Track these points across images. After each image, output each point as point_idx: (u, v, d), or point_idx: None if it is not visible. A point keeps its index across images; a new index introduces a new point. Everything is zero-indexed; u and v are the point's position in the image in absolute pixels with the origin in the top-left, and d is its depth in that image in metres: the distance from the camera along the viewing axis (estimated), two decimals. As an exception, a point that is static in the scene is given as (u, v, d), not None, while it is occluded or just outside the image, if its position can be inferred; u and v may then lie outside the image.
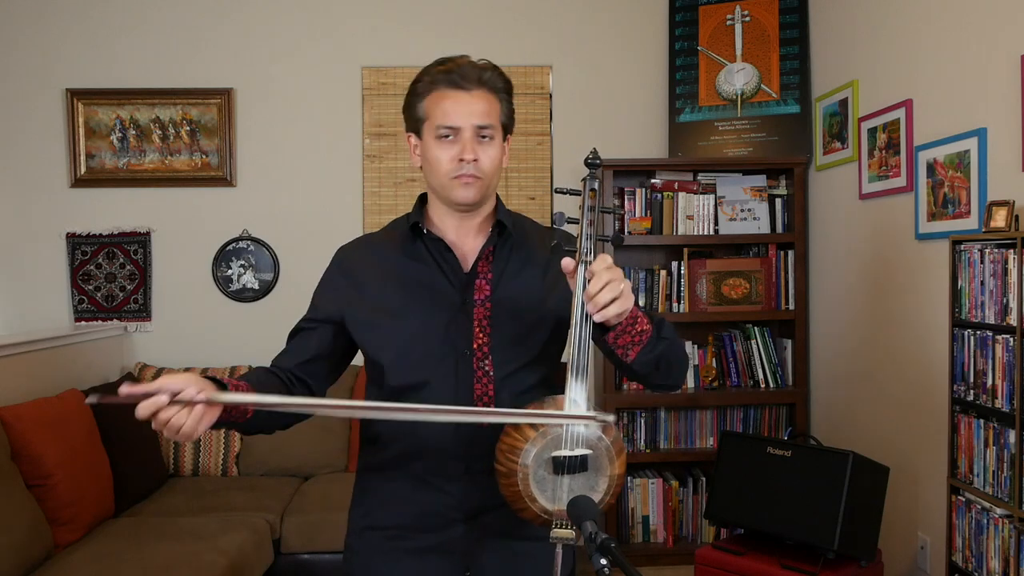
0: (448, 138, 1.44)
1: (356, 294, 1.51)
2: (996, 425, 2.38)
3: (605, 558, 1.06)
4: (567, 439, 1.28)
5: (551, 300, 1.52)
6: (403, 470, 1.48)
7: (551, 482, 1.28)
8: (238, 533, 2.93)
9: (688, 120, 4.05)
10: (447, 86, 1.45)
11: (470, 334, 1.46)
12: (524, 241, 1.56)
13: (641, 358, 1.38)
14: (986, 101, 2.62)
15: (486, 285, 1.49)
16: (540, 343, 1.51)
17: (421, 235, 1.51)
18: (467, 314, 1.47)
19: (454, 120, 1.44)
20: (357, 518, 1.56)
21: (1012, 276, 2.28)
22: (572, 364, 1.29)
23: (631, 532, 3.85)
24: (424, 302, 1.48)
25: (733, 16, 4.02)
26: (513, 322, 1.48)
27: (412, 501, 1.48)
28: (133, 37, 4.01)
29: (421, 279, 1.50)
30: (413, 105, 1.49)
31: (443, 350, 1.45)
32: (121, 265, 4.00)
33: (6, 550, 2.42)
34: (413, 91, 1.49)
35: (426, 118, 1.47)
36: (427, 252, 1.51)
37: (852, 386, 3.53)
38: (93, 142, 4.00)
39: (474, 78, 1.45)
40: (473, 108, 1.44)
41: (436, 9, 4.07)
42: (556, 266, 1.54)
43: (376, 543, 1.51)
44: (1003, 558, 2.35)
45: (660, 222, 3.88)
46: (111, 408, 3.27)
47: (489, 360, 1.46)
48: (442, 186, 1.47)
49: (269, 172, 4.05)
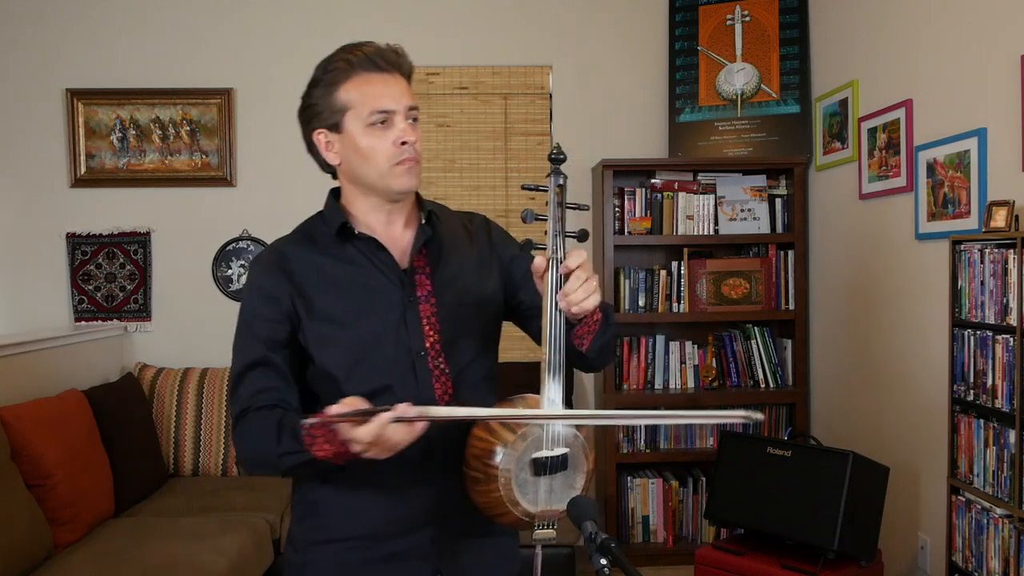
0: (383, 123, 1.36)
1: (295, 307, 1.39)
2: (996, 425, 2.38)
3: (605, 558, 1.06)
4: (547, 439, 1.25)
5: (488, 287, 1.49)
6: (363, 478, 1.39)
7: (532, 484, 1.25)
8: (238, 533, 2.93)
9: (688, 120, 4.05)
10: (371, 69, 1.37)
11: (420, 334, 1.41)
12: (449, 228, 1.50)
13: (593, 345, 1.38)
14: (986, 101, 2.62)
15: (426, 280, 1.44)
16: (486, 333, 1.48)
17: (351, 236, 1.42)
18: (414, 313, 1.41)
19: (388, 103, 1.36)
20: (307, 532, 1.45)
21: (1012, 276, 2.28)
22: (548, 363, 1.27)
23: (631, 532, 3.85)
24: (368, 306, 1.40)
25: (733, 16, 4.02)
26: (460, 316, 1.44)
27: (375, 509, 1.41)
28: (133, 37, 4.01)
29: (359, 282, 1.41)
30: (325, 97, 1.39)
31: (398, 353, 1.39)
32: (121, 265, 4.00)
33: (6, 550, 2.42)
34: (323, 81, 1.39)
35: (349, 107, 1.37)
36: (359, 253, 1.42)
37: (852, 386, 3.53)
38: (93, 142, 4.00)
39: (392, 61, 1.39)
40: (402, 89, 1.38)
41: (436, 9, 4.07)
42: (484, 249, 1.53)
43: (333, 556, 1.42)
44: (1003, 558, 2.35)
45: (660, 222, 3.88)
46: (110, 409, 3.27)
47: (443, 357, 1.42)
48: (381, 176, 1.38)
49: (269, 172, 4.05)
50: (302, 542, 1.46)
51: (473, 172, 4.09)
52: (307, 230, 1.48)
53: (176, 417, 3.70)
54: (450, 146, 4.07)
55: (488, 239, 1.55)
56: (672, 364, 3.95)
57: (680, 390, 3.91)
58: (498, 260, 1.53)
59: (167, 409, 3.71)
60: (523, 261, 1.55)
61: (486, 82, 4.04)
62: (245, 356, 1.39)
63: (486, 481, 1.25)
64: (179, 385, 3.75)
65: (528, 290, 1.51)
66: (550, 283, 1.27)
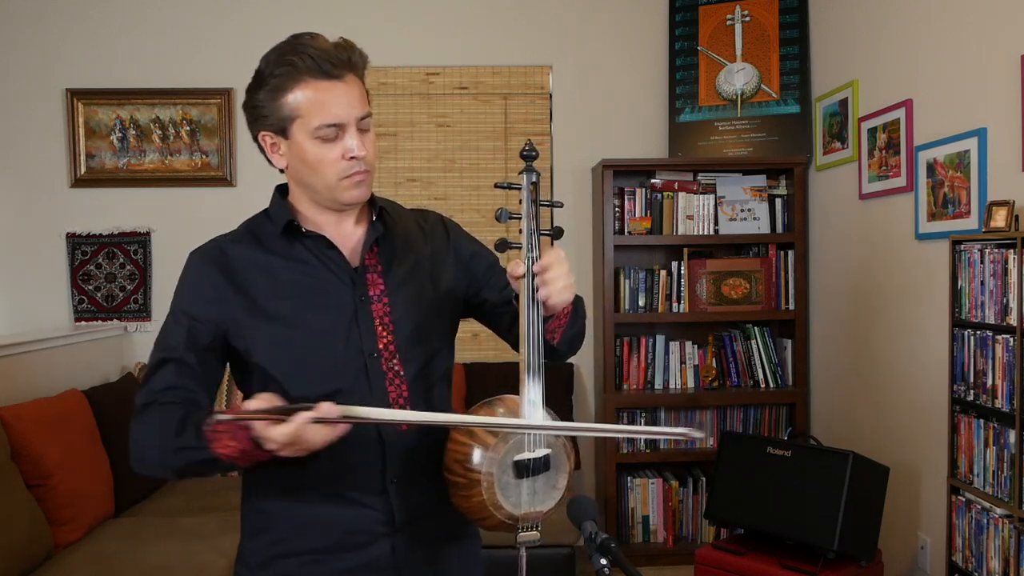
0: (331, 138, 1.29)
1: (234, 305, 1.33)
2: (996, 425, 2.38)
3: (605, 558, 1.06)
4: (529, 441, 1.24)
5: (444, 285, 1.45)
6: (319, 490, 1.34)
7: (515, 486, 1.23)
8: (238, 533, 2.93)
9: (688, 120, 4.05)
10: (318, 77, 1.28)
11: (373, 334, 1.35)
12: (401, 226, 1.45)
13: (564, 338, 1.37)
14: (986, 101, 2.62)
15: (378, 279, 1.38)
16: (442, 333, 1.45)
17: (298, 234, 1.37)
18: (366, 313, 1.35)
19: (337, 116, 1.28)
20: (261, 548, 1.38)
21: (1012, 276, 2.28)
22: (527, 363, 1.24)
23: (631, 532, 3.85)
24: (316, 306, 1.34)
25: (733, 16, 4.02)
26: (413, 315, 1.39)
27: (333, 520, 1.34)
28: (133, 37, 4.01)
29: (307, 282, 1.35)
30: (268, 102, 1.31)
31: (348, 354, 1.33)
32: (121, 265, 4.00)
33: (6, 550, 2.42)
34: (265, 84, 1.31)
35: (296, 115, 1.29)
36: (307, 251, 1.36)
37: (852, 386, 3.53)
38: (93, 142, 4.00)
39: (344, 63, 1.30)
40: (351, 98, 1.29)
41: (436, 9, 4.07)
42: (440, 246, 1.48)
43: (290, 570, 1.35)
44: (1003, 558, 2.35)
45: (660, 222, 3.88)
46: (110, 409, 3.27)
47: (397, 359, 1.36)
48: (328, 188, 1.32)
49: (269, 172, 3.98)
50: (254, 559, 1.39)
51: (473, 172, 4.09)
52: (251, 228, 1.41)
53: (176, 417, 3.70)
54: (450, 146, 4.07)
55: (445, 236, 1.50)
56: (672, 364, 3.95)
57: (680, 390, 3.91)
58: (456, 257, 1.49)
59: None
60: (483, 258, 1.52)
61: (486, 82, 4.04)
62: (162, 350, 1.32)
63: (468, 486, 1.23)
64: (179, 385, 3.75)
65: (492, 287, 1.48)
66: (526, 283, 1.25)
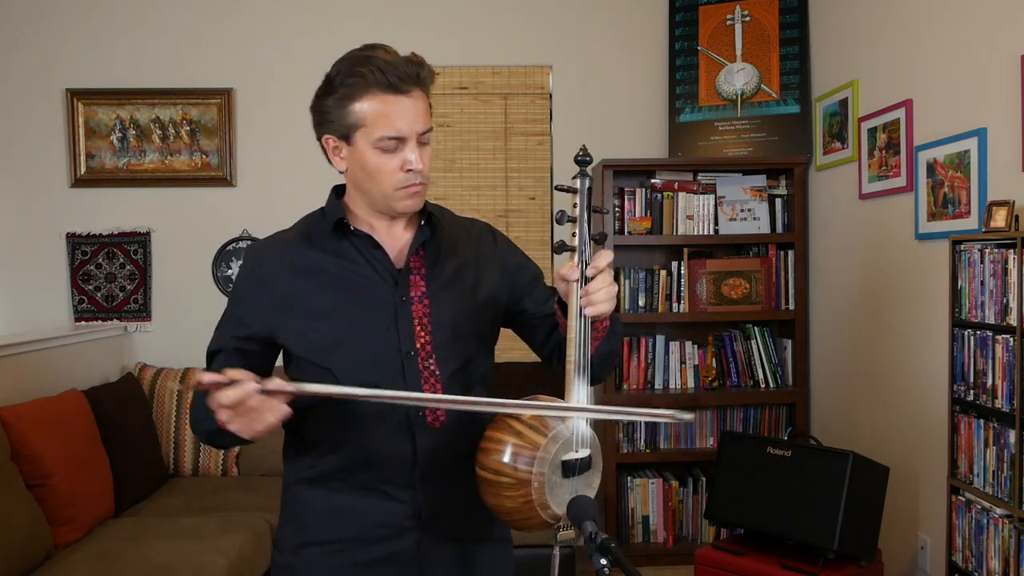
0: (391, 149, 1.34)
1: (283, 300, 1.39)
2: (996, 425, 2.38)
3: (605, 558, 1.06)
4: (576, 440, 1.25)
5: (486, 291, 1.48)
6: (348, 480, 1.39)
7: (559, 487, 1.24)
8: (238, 533, 2.93)
9: (688, 120, 4.05)
10: (385, 91, 1.32)
11: (411, 334, 1.39)
12: (449, 231, 1.49)
13: (598, 351, 1.37)
14: (986, 101, 2.62)
15: (420, 281, 1.42)
16: (481, 337, 1.47)
17: (347, 232, 1.42)
18: (406, 313, 1.40)
19: (400, 130, 1.33)
20: (293, 534, 1.45)
21: (1012, 276, 2.28)
22: (576, 363, 1.27)
23: (631, 532, 3.85)
24: (359, 303, 1.39)
25: (733, 16, 4.02)
26: (453, 318, 1.42)
27: (360, 512, 1.39)
28: (133, 37, 4.01)
29: (352, 279, 1.40)
30: (336, 109, 1.34)
31: (386, 352, 1.38)
32: (121, 265, 4.00)
33: (6, 550, 2.42)
34: (334, 92, 1.34)
35: (361, 124, 1.33)
36: (354, 250, 1.42)
37: (852, 386, 3.53)
38: (93, 142, 4.00)
39: (412, 78, 1.34)
40: (415, 113, 1.34)
41: (436, 9, 4.07)
42: (485, 254, 1.52)
43: (318, 559, 1.41)
44: (1003, 558, 2.35)
45: (660, 222, 3.88)
46: (110, 409, 3.27)
47: (433, 359, 1.40)
48: (384, 195, 1.38)
49: (269, 172, 4.05)
50: (288, 544, 1.45)
51: (473, 172, 4.08)
52: (306, 225, 1.48)
53: (176, 417, 3.70)
54: (450, 146, 4.07)
55: (493, 244, 1.55)
56: (672, 364, 3.95)
57: (680, 390, 3.91)
58: (501, 266, 1.52)
59: (167, 409, 3.71)
60: (528, 270, 1.55)
61: (486, 82, 4.04)
62: (217, 340, 1.44)
63: (515, 486, 1.22)
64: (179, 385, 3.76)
65: (534, 299, 1.52)
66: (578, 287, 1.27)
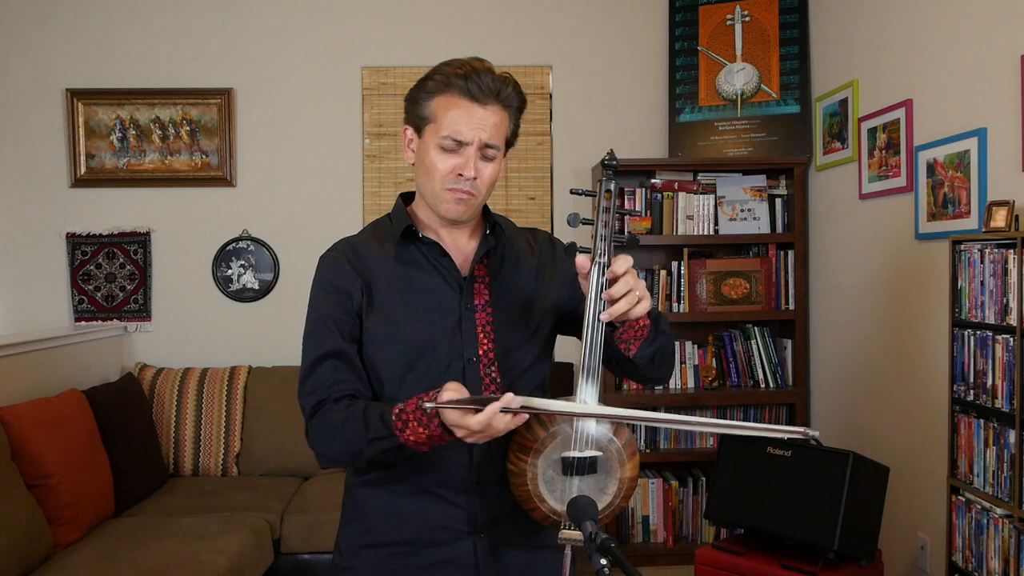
0: (451, 149, 1.37)
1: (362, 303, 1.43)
2: (996, 425, 2.38)
3: (605, 558, 1.06)
4: (576, 440, 1.26)
5: (547, 299, 1.51)
6: (408, 483, 1.42)
7: (560, 483, 1.27)
8: (238, 533, 2.93)
9: (688, 120, 4.05)
10: (462, 94, 1.36)
11: (475, 340, 1.42)
12: (512, 242, 1.53)
13: (641, 352, 1.38)
14: (986, 101, 2.62)
15: (484, 289, 1.46)
16: (540, 345, 1.50)
17: (416, 239, 1.46)
18: (470, 320, 1.43)
19: (462, 134, 1.36)
20: (353, 536, 1.48)
21: (1012, 276, 2.28)
22: (583, 365, 1.28)
23: (631, 532, 3.85)
24: (425, 309, 1.42)
25: (733, 16, 4.02)
26: (514, 326, 1.46)
27: (419, 515, 1.42)
28: (133, 37, 4.01)
29: (420, 285, 1.44)
30: (420, 101, 1.40)
31: (449, 358, 1.41)
32: (121, 265, 4.00)
33: (6, 550, 2.42)
34: (423, 86, 1.40)
35: (432, 120, 1.38)
36: (422, 256, 1.45)
37: (852, 386, 3.53)
38: (93, 142, 4.00)
39: (492, 92, 1.38)
40: (484, 123, 1.37)
41: (436, 9, 4.07)
42: (546, 263, 1.54)
43: (377, 561, 1.44)
44: (1003, 558, 2.35)
45: (660, 222, 3.88)
46: (110, 409, 3.27)
47: (495, 366, 1.42)
48: (433, 194, 1.41)
49: (269, 172, 4.05)
50: (348, 546, 1.48)
51: (473, 172, 4.08)
52: (375, 229, 1.51)
53: (176, 417, 3.70)
54: (450, 146, 4.06)
55: (553, 254, 1.57)
56: (672, 364, 3.94)
57: (680, 390, 3.91)
58: (562, 275, 1.54)
59: (167, 409, 3.71)
60: None
61: (486, 82, 4.03)
62: (318, 348, 1.41)
63: (518, 474, 1.29)
64: (179, 385, 3.76)
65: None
66: (592, 286, 1.28)
